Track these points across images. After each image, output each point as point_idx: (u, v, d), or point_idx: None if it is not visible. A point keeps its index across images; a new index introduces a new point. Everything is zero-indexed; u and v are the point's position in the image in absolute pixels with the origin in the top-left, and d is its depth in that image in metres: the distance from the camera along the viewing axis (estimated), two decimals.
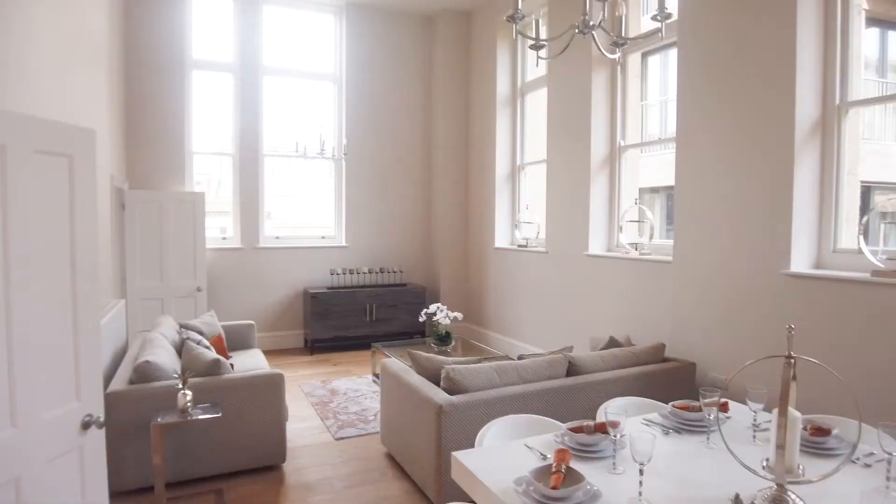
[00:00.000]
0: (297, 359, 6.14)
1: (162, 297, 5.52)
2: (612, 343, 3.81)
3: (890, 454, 1.68)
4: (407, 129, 7.05)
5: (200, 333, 4.10)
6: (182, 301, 5.60)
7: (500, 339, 6.34)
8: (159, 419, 2.89)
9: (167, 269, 5.51)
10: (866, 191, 4.17)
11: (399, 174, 7.03)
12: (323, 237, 6.82)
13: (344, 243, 6.80)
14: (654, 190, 7.14)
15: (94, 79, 3.91)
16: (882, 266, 3.02)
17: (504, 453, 1.90)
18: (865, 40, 3.59)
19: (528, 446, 1.96)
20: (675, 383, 3.52)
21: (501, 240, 6.46)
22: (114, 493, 3.05)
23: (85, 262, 1.85)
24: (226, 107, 6.29)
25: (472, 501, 1.76)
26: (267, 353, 6.25)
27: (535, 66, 6.04)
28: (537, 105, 6.04)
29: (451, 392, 2.93)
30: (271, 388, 3.35)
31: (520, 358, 3.30)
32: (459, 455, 1.86)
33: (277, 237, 6.58)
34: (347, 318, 6.32)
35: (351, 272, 6.64)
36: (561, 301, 5.36)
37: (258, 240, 6.38)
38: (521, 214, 6.34)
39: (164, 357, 3.32)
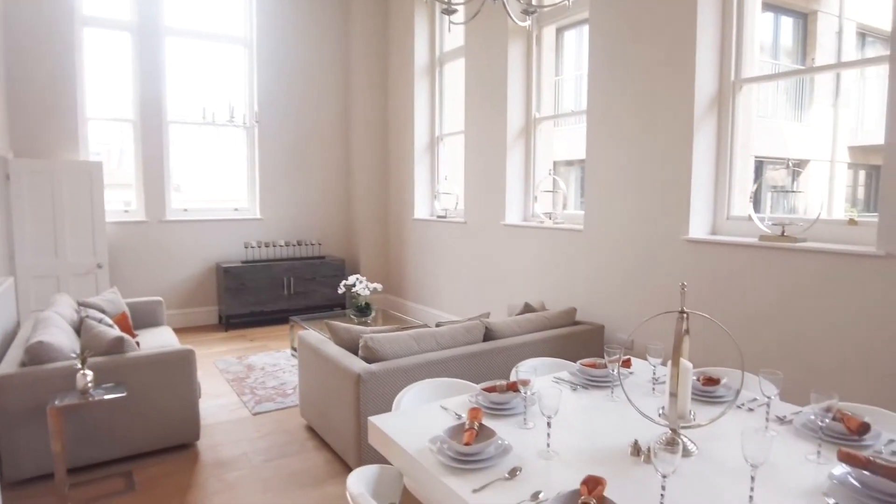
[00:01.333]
0: (211, 335, 5.92)
1: (58, 275, 5.14)
2: (527, 309, 3.94)
3: (769, 398, 1.86)
4: (323, 98, 6.84)
5: (102, 311, 3.86)
6: (81, 279, 5.24)
7: (421, 309, 6.39)
8: (56, 402, 2.71)
9: (62, 244, 5.12)
10: (760, 165, 4.51)
11: (316, 144, 6.84)
12: (236, 209, 6.55)
13: (258, 215, 6.56)
14: (570, 163, 7.37)
15: None
16: (768, 231, 3.29)
17: (420, 415, 1.94)
18: (761, 24, 3.83)
19: (443, 407, 2.00)
20: (585, 344, 3.70)
21: (421, 211, 6.46)
22: (9, 484, 2.87)
23: None
24: (124, 69, 5.84)
25: (389, 463, 1.78)
26: (179, 330, 5.99)
27: (453, 35, 6.01)
28: (456, 76, 6.04)
29: (369, 361, 2.93)
30: (181, 364, 3.22)
31: (438, 325, 3.35)
32: (375, 419, 1.87)
33: (186, 209, 6.25)
34: (263, 292, 6.14)
35: (266, 245, 6.44)
36: (479, 270, 5.46)
37: (165, 212, 6.04)
38: (440, 185, 6.36)
39: (61, 337, 3.10)
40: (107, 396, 2.81)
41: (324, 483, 2.95)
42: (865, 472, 1.45)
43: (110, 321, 3.68)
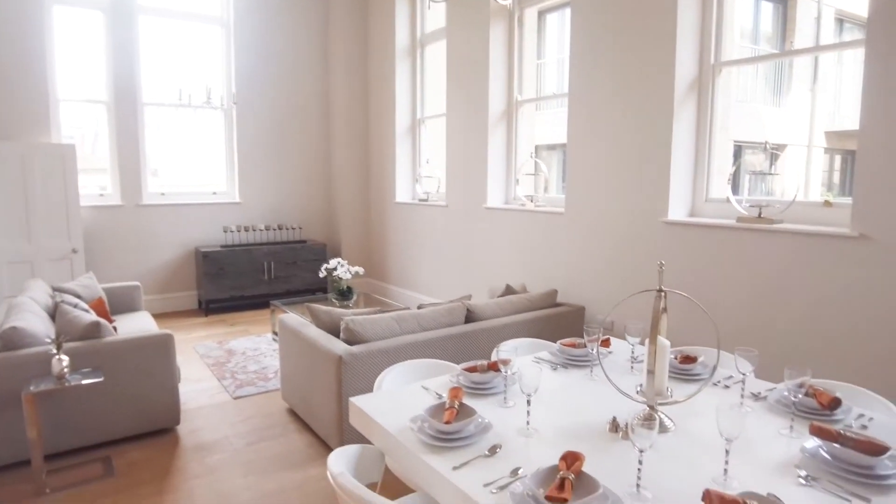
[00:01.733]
0: (190, 321, 5.86)
1: (31, 261, 5.03)
2: (509, 291, 3.95)
3: (744, 375, 1.89)
4: (303, 80, 6.74)
5: (77, 297, 3.80)
6: (56, 264, 5.14)
7: (403, 292, 6.39)
8: (32, 388, 2.66)
9: (35, 229, 5.01)
10: (739, 150, 4.55)
11: (295, 127, 6.75)
12: (214, 193, 6.45)
13: (237, 199, 6.48)
14: (552, 147, 7.38)
15: None
16: (745, 213, 3.33)
17: (401, 396, 1.94)
18: (741, 9, 3.84)
19: (424, 388, 2.01)
20: (566, 326, 3.73)
21: (402, 194, 6.43)
22: None
23: None
24: (97, 49, 5.69)
25: (370, 443, 1.79)
26: (158, 316, 5.94)
27: (434, 16, 5.95)
28: (437, 58, 5.98)
29: (350, 343, 2.93)
30: (160, 349, 3.18)
31: (419, 307, 3.35)
32: (357, 400, 1.87)
33: (163, 193, 6.15)
34: (244, 277, 6.09)
35: (246, 229, 6.37)
36: (461, 253, 5.47)
37: (141, 196, 5.93)
38: (421, 168, 6.33)
39: (35, 322, 3.05)
40: (83, 381, 2.77)
41: (306, 465, 2.95)
42: (836, 445, 1.48)
43: (86, 306, 3.62)
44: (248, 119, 6.41)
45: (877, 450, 1.45)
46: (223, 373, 4.28)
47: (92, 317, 3.19)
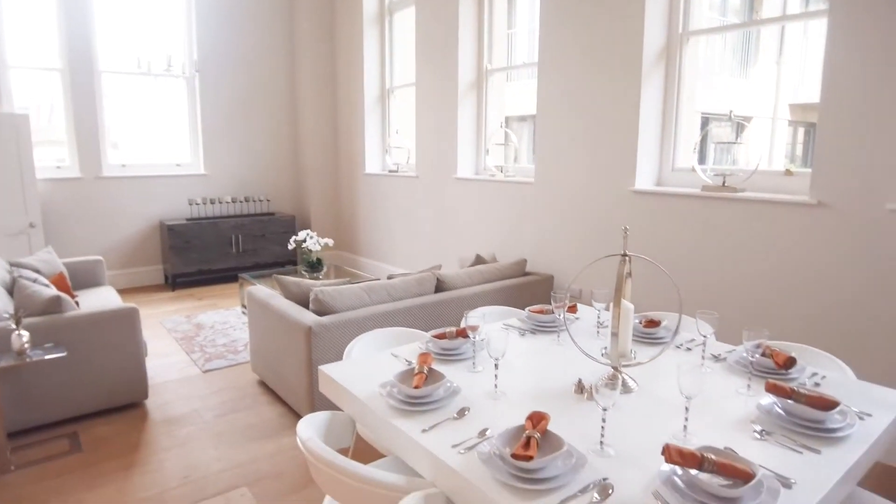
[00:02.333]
0: (157, 295, 5.76)
1: None
2: (479, 261, 3.97)
3: (705, 337, 1.95)
4: (268, 47, 6.55)
5: (37, 272, 3.68)
6: (12, 239, 4.96)
7: (373, 264, 6.38)
8: None
9: None
10: (706, 121, 4.60)
11: (261, 96, 6.58)
12: (178, 165, 6.28)
13: (202, 171, 6.32)
14: (523, 118, 7.37)
15: None
16: (710, 182, 3.39)
17: (370, 363, 1.95)
18: None
19: (394, 355, 2.02)
20: (535, 294, 3.78)
21: (372, 165, 6.37)
22: None
23: None
24: (49, 13, 5.42)
25: (339, 409, 1.80)
26: (123, 291, 5.83)
27: None
28: (406, 25, 5.87)
29: (320, 313, 2.92)
30: (124, 323, 3.12)
31: (390, 278, 3.35)
32: (326, 368, 1.87)
33: (124, 165, 5.96)
34: (211, 250, 5.98)
35: (212, 202, 6.24)
36: (431, 224, 5.46)
37: (101, 168, 5.74)
38: (391, 139, 6.26)
39: None
40: (45, 357, 2.71)
41: (278, 435, 2.96)
42: (789, 402, 1.55)
43: (46, 281, 3.52)
44: (211, 88, 6.23)
45: (827, 405, 1.52)
46: (192, 347, 4.23)
47: (52, 291, 3.11)
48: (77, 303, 3.51)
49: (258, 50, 6.48)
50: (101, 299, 3.89)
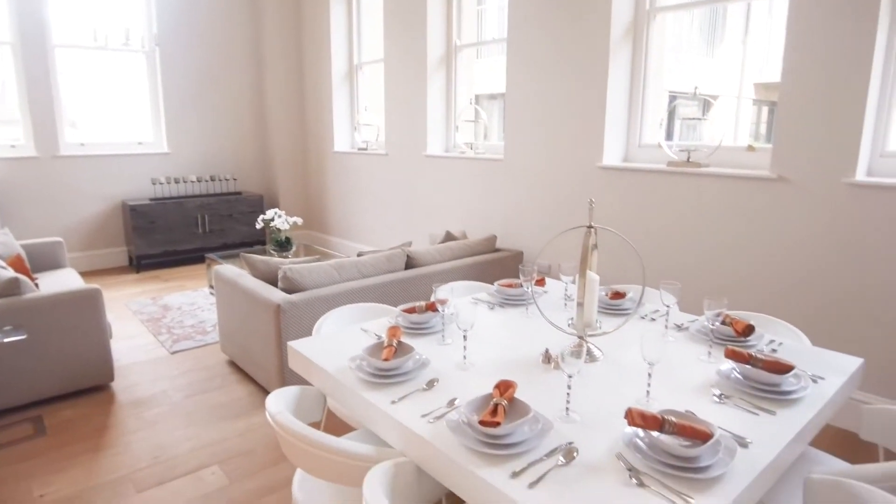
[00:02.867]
0: (121, 277, 5.63)
1: None
2: (449, 237, 3.98)
3: (668, 307, 1.99)
4: (232, 21, 6.37)
5: None
6: None
7: (343, 243, 6.33)
8: None
9: None
10: (673, 99, 4.66)
11: (225, 72, 6.41)
12: (140, 143, 6.10)
13: (165, 150, 6.16)
14: (493, 97, 7.34)
15: None
16: (675, 157, 3.45)
17: (340, 338, 1.95)
18: None
19: (363, 330, 2.02)
20: (504, 270, 3.81)
21: (341, 143, 6.29)
22: None
23: None
24: None
25: (309, 384, 1.80)
26: (85, 274, 5.68)
27: None
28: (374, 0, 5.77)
29: (289, 291, 2.89)
30: (87, 304, 3.05)
31: (359, 255, 3.33)
32: (295, 344, 1.87)
33: (83, 144, 5.76)
34: (176, 231, 5.86)
35: (177, 181, 6.09)
36: (402, 202, 5.44)
37: (58, 147, 5.54)
38: (360, 116, 6.18)
39: None
40: (5, 340, 2.65)
41: (248, 414, 2.95)
42: (747, 366, 1.60)
43: (3, 263, 3.41)
44: (172, 63, 6.04)
45: (782, 369, 1.58)
46: (159, 328, 4.16)
47: (10, 273, 3.01)
48: (37, 285, 3.41)
49: (221, 23, 6.29)
50: (61, 281, 3.79)
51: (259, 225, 4.79)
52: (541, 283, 2.50)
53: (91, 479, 2.41)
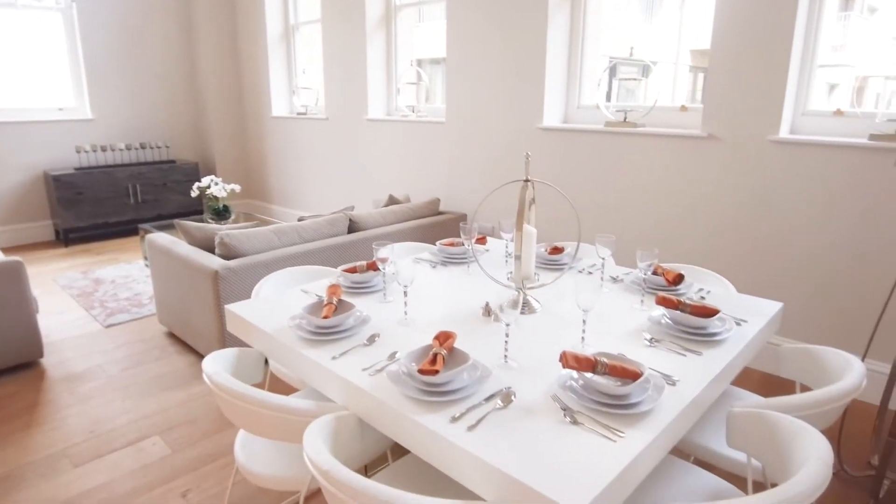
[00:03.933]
0: (48, 252, 5.34)
1: None
2: (392, 201, 3.95)
3: (602, 259, 2.06)
4: None
5: None
6: None
7: (285, 210, 6.20)
8: None
9: None
10: (614, 66, 4.72)
11: (152, 31, 6.04)
12: (61, 109, 5.72)
13: (89, 115, 5.80)
14: (436, 61, 7.25)
15: None
16: (612, 118, 3.52)
17: (280, 300, 1.92)
18: None
19: (304, 291, 2.00)
20: (448, 232, 3.82)
21: (279, 107, 6.09)
22: None
23: None
24: None
25: (248, 346, 1.77)
26: (8, 249, 5.37)
27: None
28: None
29: (227, 258, 2.82)
30: (7, 278, 2.88)
31: (300, 220, 3.27)
32: (232, 307, 1.83)
33: None
34: (106, 202, 5.58)
35: (103, 149, 5.77)
36: (344, 167, 5.34)
37: None
38: (298, 80, 5.99)
39: None
40: None
41: (189, 384, 2.88)
42: (677, 312, 1.68)
43: None
44: (93, 22, 5.65)
45: (709, 313, 1.66)
46: (91, 302, 3.99)
47: None
48: None
49: None
50: None
51: (195, 193, 4.62)
52: (482, 241, 2.52)
53: (24, 455, 2.32)
